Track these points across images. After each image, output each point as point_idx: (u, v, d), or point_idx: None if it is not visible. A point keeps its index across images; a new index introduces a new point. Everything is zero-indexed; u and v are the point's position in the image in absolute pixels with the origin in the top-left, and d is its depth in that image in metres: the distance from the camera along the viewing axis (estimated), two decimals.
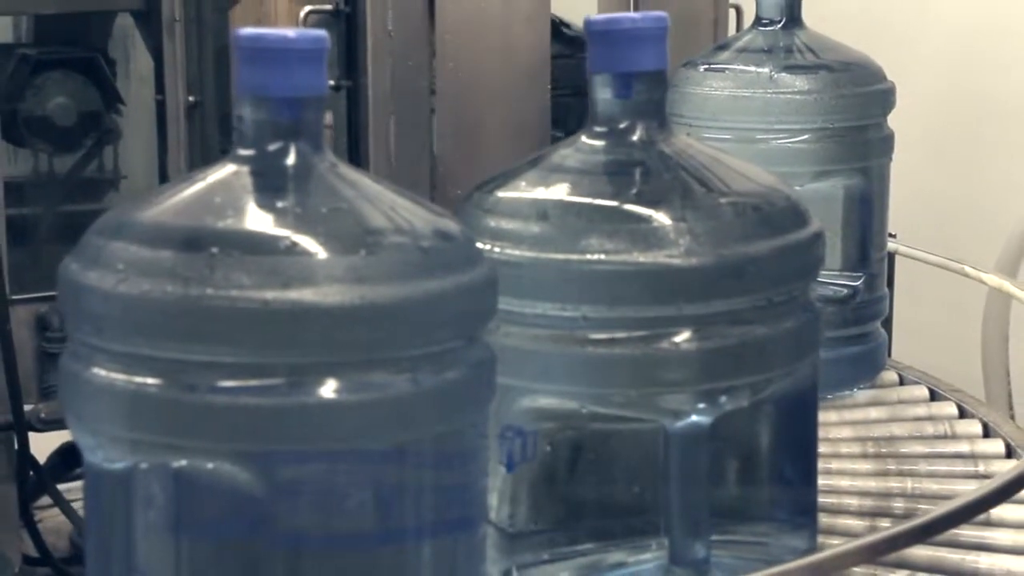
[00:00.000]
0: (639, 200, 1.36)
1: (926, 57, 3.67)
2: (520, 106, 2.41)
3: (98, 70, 2.53)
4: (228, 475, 1.09)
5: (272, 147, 1.14)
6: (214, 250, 1.08)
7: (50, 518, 2.44)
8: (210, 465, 1.09)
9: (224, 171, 1.15)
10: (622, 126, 1.39)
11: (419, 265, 1.12)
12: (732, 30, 2.72)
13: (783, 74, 2.05)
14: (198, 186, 1.15)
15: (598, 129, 1.40)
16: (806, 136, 2.04)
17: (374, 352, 1.10)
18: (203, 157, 2.43)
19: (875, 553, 1.37)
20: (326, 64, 1.15)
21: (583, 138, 1.41)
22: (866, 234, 2.14)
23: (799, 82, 2.05)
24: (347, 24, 2.34)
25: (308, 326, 1.07)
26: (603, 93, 1.39)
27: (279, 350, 1.07)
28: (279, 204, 1.13)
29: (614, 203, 1.36)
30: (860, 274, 2.11)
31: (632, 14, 1.36)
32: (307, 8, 2.34)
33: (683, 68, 2.11)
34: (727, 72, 2.07)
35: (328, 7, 2.35)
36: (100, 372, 1.11)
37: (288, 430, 1.08)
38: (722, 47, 2.17)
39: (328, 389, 1.08)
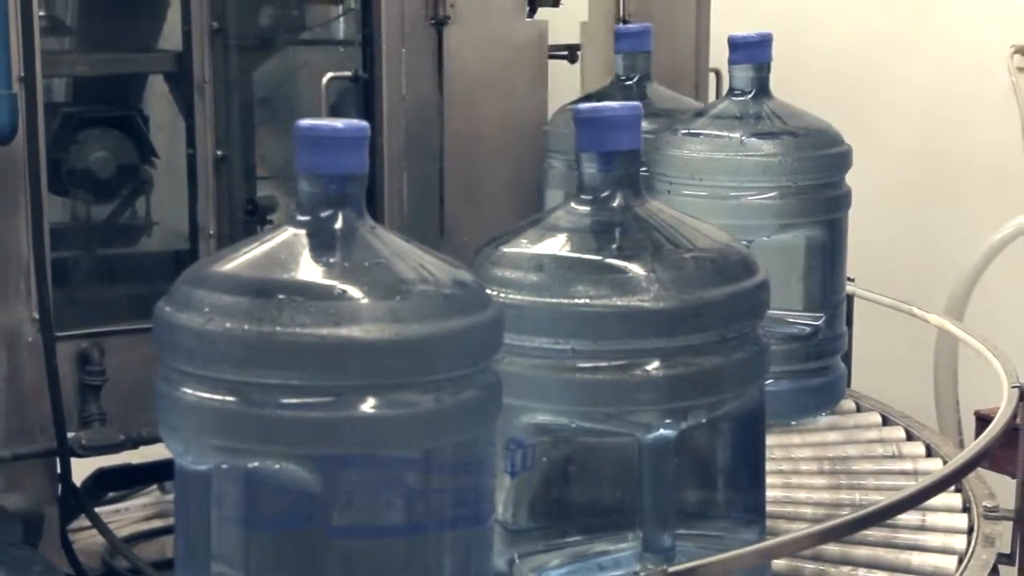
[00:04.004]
0: (617, 255, 1.55)
1: (886, 121, 3.80)
2: (519, 163, 2.55)
3: (134, 126, 2.58)
4: (291, 473, 1.30)
5: (324, 214, 1.36)
6: (281, 296, 1.30)
7: (81, 539, 2.53)
8: (277, 466, 1.31)
9: (286, 233, 1.37)
10: (604, 194, 1.59)
11: (441, 308, 1.33)
12: (712, 90, 2.87)
13: (752, 139, 2.22)
14: (265, 246, 1.37)
15: (584, 197, 1.60)
16: (773, 193, 2.21)
17: (405, 377, 1.31)
18: (229, 206, 2.55)
19: (811, 542, 1.57)
20: (368, 147, 1.36)
21: (572, 204, 1.61)
22: (826, 278, 2.29)
23: (766, 146, 2.21)
24: (365, 88, 2.47)
25: (354, 356, 1.29)
26: (589, 167, 1.58)
27: (331, 375, 1.29)
28: (330, 260, 1.35)
29: (597, 257, 1.55)
30: (821, 314, 2.27)
31: (612, 104, 1.55)
32: (329, 75, 2.45)
33: (665, 133, 2.27)
34: (703, 137, 2.24)
35: (348, 73, 2.47)
36: (189, 392, 1.32)
37: (337, 438, 1.30)
38: (699, 114, 2.33)
39: (368, 405, 1.30)
